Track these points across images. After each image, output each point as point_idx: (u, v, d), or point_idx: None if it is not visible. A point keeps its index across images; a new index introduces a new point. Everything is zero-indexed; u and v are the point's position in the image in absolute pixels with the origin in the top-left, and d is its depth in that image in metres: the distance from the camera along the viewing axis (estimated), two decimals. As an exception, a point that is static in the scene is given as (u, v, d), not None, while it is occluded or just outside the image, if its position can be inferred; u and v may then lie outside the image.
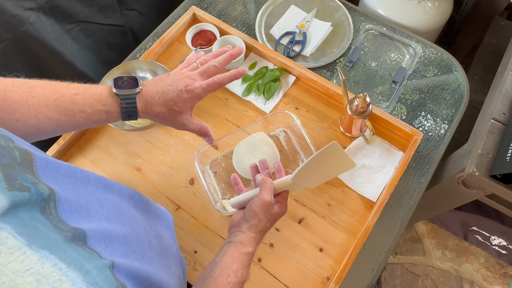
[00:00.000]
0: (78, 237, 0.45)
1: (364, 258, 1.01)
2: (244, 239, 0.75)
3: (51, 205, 0.46)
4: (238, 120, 1.17)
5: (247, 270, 0.73)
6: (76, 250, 0.43)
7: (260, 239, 0.78)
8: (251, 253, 0.75)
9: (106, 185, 0.64)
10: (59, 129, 0.70)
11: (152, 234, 0.68)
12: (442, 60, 1.27)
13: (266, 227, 0.78)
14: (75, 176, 0.57)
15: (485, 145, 1.12)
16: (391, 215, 1.06)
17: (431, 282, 1.95)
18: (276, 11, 1.36)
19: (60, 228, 0.44)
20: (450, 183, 1.30)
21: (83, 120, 0.71)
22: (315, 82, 1.16)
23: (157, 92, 0.76)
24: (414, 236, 2.05)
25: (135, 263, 0.53)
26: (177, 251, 0.81)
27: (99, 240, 0.49)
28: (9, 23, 1.05)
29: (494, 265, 1.97)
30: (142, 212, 0.73)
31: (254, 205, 0.77)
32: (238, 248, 0.74)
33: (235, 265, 0.71)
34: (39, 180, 0.47)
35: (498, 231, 1.92)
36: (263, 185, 0.79)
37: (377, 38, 1.31)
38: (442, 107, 1.19)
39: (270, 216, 0.78)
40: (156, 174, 1.10)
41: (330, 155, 0.73)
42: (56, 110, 0.68)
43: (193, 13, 1.28)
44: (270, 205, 0.77)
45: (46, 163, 0.52)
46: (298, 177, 0.78)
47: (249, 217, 0.77)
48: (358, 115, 1.03)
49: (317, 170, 0.77)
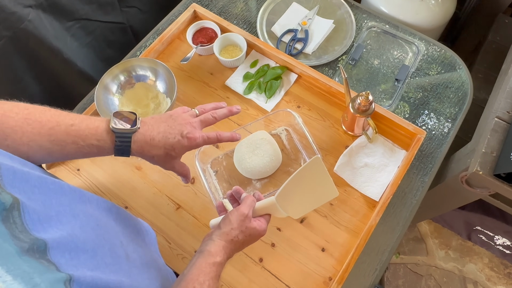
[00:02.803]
0: (37, 248, 0.44)
1: (367, 258, 1.00)
2: (213, 248, 0.72)
3: (15, 214, 0.46)
4: (240, 119, 1.16)
5: (215, 281, 0.70)
6: (28, 262, 0.42)
7: (231, 250, 0.74)
8: (219, 263, 0.71)
9: (82, 196, 0.63)
10: (48, 157, 0.70)
11: (131, 248, 0.66)
12: (445, 58, 1.26)
13: (238, 238, 0.74)
14: (46, 186, 0.56)
15: (489, 143, 1.11)
16: (394, 215, 1.05)
17: (434, 282, 1.94)
18: (277, 8, 1.35)
19: (19, 238, 0.43)
20: (453, 182, 1.29)
21: (73, 151, 0.70)
22: (317, 80, 1.15)
23: (158, 133, 0.75)
24: (417, 236, 2.04)
25: (107, 275, 0.52)
26: (163, 266, 0.79)
27: (63, 252, 0.48)
28: (8, 21, 1.05)
29: (498, 265, 1.96)
30: (122, 225, 0.72)
31: (230, 214, 0.76)
32: (206, 258, 0.71)
33: (201, 276, 0.68)
34: (2, 190, 0.47)
35: (502, 231, 1.90)
36: (244, 200, 0.79)
37: (379, 36, 1.30)
38: (445, 106, 1.18)
39: (245, 229, 0.75)
40: (156, 173, 1.09)
41: (313, 172, 0.75)
42: (49, 139, 0.68)
43: (194, 11, 1.27)
44: (246, 217, 0.75)
45: (13, 174, 0.51)
46: (281, 197, 0.76)
47: (222, 224, 0.75)
48: (360, 114, 1.02)
49: (300, 190, 0.77)
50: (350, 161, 1.09)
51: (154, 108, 1.12)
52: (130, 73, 1.14)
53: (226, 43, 1.23)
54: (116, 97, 1.12)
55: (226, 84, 1.20)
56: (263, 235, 0.79)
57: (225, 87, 1.20)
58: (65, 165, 1.10)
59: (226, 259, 0.74)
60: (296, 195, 0.77)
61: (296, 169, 0.96)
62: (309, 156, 1.08)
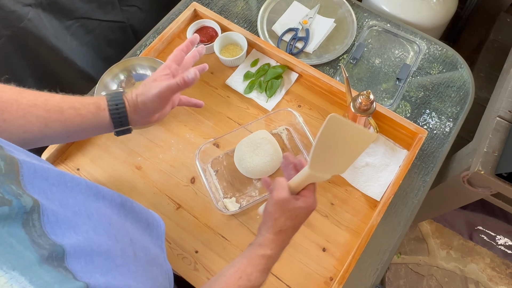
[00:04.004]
0: (56, 256, 0.44)
1: (368, 258, 1.00)
2: (262, 241, 0.71)
3: (34, 217, 0.45)
4: (240, 118, 1.15)
5: (262, 274, 0.69)
6: (49, 272, 0.42)
7: (282, 241, 0.73)
8: (268, 256, 0.70)
9: (97, 193, 0.63)
10: (46, 129, 0.70)
11: (138, 246, 0.66)
12: (447, 57, 1.25)
13: (286, 225, 0.72)
14: (64, 184, 0.56)
15: (491, 143, 1.11)
16: (395, 215, 1.04)
17: (435, 283, 1.93)
18: (278, 7, 1.35)
19: (38, 244, 0.44)
20: (455, 182, 1.29)
21: (72, 116, 0.71)
22: (318, 79, 1.15)
23: (141, 88, 0.81)
24: (418, 235, 2.03)
25: (117, 279, 0.52)
26: (164, 262, 0.79)
27: (79, 258, 0.48)
28: (7, 20, 1.05)
29: (500, 265, 1.95)
30: (132, 220, 0.71)
31: (267, 205, 0.74)
32: (256, 250, 0.71)
33: (249, 267, 0.68)
34: (23, 191, 0.47)
35: (504, 231, 1.90)
36: (274, 184, 0.75)
37: (381, 35, 1.29)
38: (447, 105, 1.18)
39: (289, 213, 0.71)
40: (156, 172, 1.09)
41: (335, 131, 0.67)
42: (45, 108, 0.69)
43: (194, 9, 1.26)
44: (285, 201, 0.71)
45: (33, 172, 0.51)
46: (314, 166, 0.70)
47: (265, 219, 0.73)
48: (361, 113, 1.02)
49: (332, 151, 0.70)
50: (351, 160, 1.08)
51: (154, 107, 1.11)
52: (130, 72, 1.14)
53: (226, 42, 1.23)
54: (116, 96, 1.12)
55: (227, 83, 1.19)
56: (315, 207, 0.75)
57: (225, 86, 1.19)
58: (65, 165, 1.10)
59: (279, 252, 0.72)
60: (329, 156, 0.71)
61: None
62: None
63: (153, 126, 1.13)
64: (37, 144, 0.72)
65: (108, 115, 0.76)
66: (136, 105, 0.79)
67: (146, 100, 0.79)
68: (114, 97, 0.77)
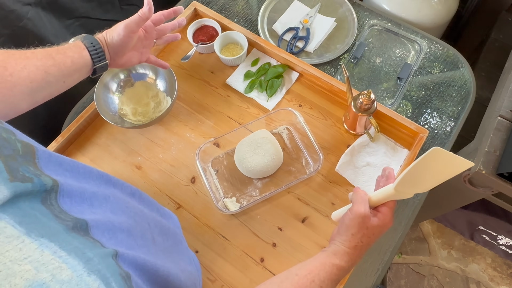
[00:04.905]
0: (80, 227, 0.45)
1: (369, 258, 1.00)
2: (337, 251, 0.70)
3: (52, 196, 0.46)
4: (240, 118, 1.15)
5: (333, 284, 0.68)
6: (77, 238, 0.43)
7: (357, 257, 0.71)
8: (341, 267, 0.69)
9: (108, 181, 0.64)
10: (47, 75, 0.75)
11: (157, 231, 0.67)
12: (448, 56, 1.25)
13: (362, 242, 0.70)
14: (77, 170, 0.57)
15: (492, 143, 1.10)
16: (396, 214, 1.04)
17: (437, 283, 1.93)
18: (279, 6, 1.34)
19: (61, 218, 0.44)
20: (456, 181, 1.28)
21: (62, 59, 0.77)
22: (319, 78, 1.14)
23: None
24: (419, 235, 2.03)
25: (140, 255, 0.52)
26: (186, 249, 0.79)
27: (103, 231, 0.49)
28: (7, 19, 1.04)
29: (501, 265, 1.95)
30: (146, 209, 0.73)
31: (346, 218, 0.72)
32: (330, 258, 0.69)
33: (322, 273, 0.67)
34: (41, 172, 0.48)
35: (505, 231, 1.89)
36: (355, 197, 0.73)
37: (382, 34, 1.29)
38: (448, 104, 1.17)
39: (366, 230, 0.70)
40: (156, 172, 1.09)
41: (434, 160, 0.66)
42: (37, 58, 0.74)
43: (194, 8, 1.26)
44: (364, 217, 0.69)
45: (48, 156, 0.52)
46: (401, 186, 0.69)
47: (342, 231, 0.72)
48: (362, 112, 1.01)
49: (423, 176, 0.69)
50: (352, 160, 1.08)
51: (155, 106, 1.11)
52: (130, 72, 1.13)
53: (227, 41, 1.22)
54: (116, 96, 1.12)
55: (227, 83, 1.19)
56: (390, 226, 0.73)
57: (226, 86, 1.19)
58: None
59: (351, 266, 0.71)
60: (419, 179, 0.69)
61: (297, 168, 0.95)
62: (311, 156, 1.08)
63: (153, 126, 1.13)
64: (44, 95, 0.77)
65: (88, 53, 0.83)
66: (106, 41, 0.88)
67: (114, 34, 0.88)
68: (87, 38, 0.85)
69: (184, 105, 1.16)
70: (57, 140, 1.08)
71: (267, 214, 1.03)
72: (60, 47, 0.80)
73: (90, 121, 1.14)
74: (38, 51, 0.75)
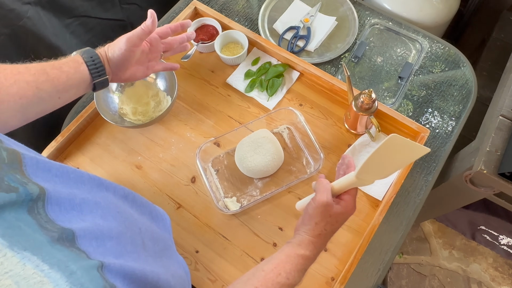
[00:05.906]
0: (66, 237, 0.44)
1: (370, 258, 0.99)
2: (301, 241, 0.71)
3: (39, 205, 0.45)
4: (241, 117, 1.14)
5: (299, 274, 0.69)
6: (61, 251, 0.42)
7: (320, 244, 0.72)
8: (307, 257, 0.70)
9: (100, 185, 0.63)
10: (39, 91, 0.72)
11: (148, 236, 0.66)
12: (449, 55, 1.24)
13: (326, 230, 0.71)
14: (67, 175, 0.56)
15: (493, 142, 1.10)
16: (397, 214, 1.03)
17: (438, 283, 1.92)
18: (279, 5, 1.34)
19: (46, 228, 0.43)
20: (457, 181, 1.28)
21: (57, 75, 0.75)
22: (320, 78, 1.14)
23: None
24: (420, 235, 2.02)
25: (129, 263, 0.52)
26: (175, 253, 0.79)
27: (90, 240, 0.48)
28: (6, 18, 1.04)
29: (502, 265, 1.94)
30: (138, 212, 0.72)
31: (309, 207, 0.73)
32: (295, 249, 0.70)
33: (288, 265, 0.68)
34: (29, 180, 0.47)
35: (506, 231, 1.88)
36: (318, 186, 0.75)
37: (383, 33, 1.28)
38: (449, 104, 1.17)
39: (329, 218, 0.71)
40: (156, 172, 1.08)
41: (392, 147, 0.67)
42: (30, 73, 0.72)
43: (194, 7, 1.25)
44: (326, 206, 0.71)
45: (36, 163, 0.51)
46: (363, 174, 0.71)
47: (306, 221, 0.73)
48: (363, 112, 1.01)
49: (383, 163, 0.71)
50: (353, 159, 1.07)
51: (155, 106, 1.11)
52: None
53: (227, 41, 1.22)
54: (116, 95, 1.11)
55: (227, 82, 1.18)
56: (353, 213, 0.75)
57: (226, 85, 1.18)
58: (64, 164, 1.09)
59: (316, 254, 0.72)
60: (379, 166, 0.71)
61: (298, 168, 0.94)
62: (312, 155, 1.07)
63: (153, 125, 1.13)
64: (36, 112, 0.75)
65: (86, 68, 0.80)
66: (107, 56, 0.85)
67: (115, 48, 0.85)
68: (87, 52, 0.82)
69: (185, 105, 1.16)
70: (57, 139, 1.07)
71: (267, 214, 1.03)
72: (56, 61, 0.77)
73: (90, 120, 1.13)
74: (32, 65, 0.73)
